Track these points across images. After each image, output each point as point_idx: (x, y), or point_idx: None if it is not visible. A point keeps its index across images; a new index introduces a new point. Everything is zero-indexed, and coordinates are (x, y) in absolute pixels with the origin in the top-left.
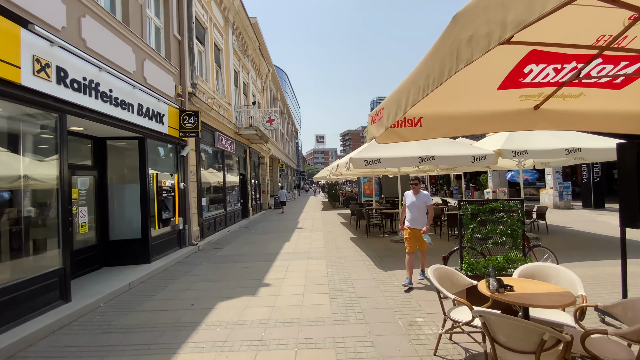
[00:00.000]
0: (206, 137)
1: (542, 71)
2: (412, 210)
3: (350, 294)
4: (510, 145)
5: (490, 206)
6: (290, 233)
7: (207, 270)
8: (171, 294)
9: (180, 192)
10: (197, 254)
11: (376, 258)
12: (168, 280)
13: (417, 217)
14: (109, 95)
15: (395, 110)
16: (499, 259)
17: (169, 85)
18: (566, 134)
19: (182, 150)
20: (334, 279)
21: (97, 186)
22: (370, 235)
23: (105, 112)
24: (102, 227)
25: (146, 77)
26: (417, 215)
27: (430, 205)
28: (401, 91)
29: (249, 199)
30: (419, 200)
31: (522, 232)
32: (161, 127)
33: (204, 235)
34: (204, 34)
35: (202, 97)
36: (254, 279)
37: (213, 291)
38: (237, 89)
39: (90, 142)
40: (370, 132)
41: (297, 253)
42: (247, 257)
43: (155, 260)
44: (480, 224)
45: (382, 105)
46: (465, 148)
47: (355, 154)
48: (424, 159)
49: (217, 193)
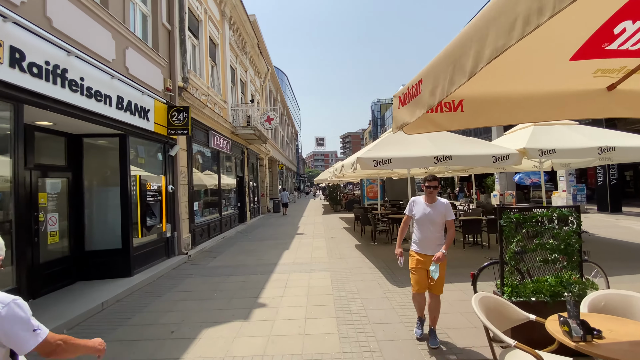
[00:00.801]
0: (199, 136)
1: (638, 32)
2: (423, 227)
3: (362, 319)
4: (536, 144)
5: (538, 214)
6: (290, 239)
7: (196, 285)
8: (150, 317)
9: (168, 196)
10: (187, 264)
11: (387, 270)
12: (149, 297)
13: (431, 238)
14: (80, 85)
15: (447, 79)
16: (549, 280)
17: (157, 78)
18: (592, 131)
19: (171, 150)
20: (340, 298)
21: (71, 189)
22: (377, 242)
23: (75, 103)
24: (76, 236)
25: (129, 67)
26: (431, 235)
27: (452, 220)
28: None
29: (247, 202)
30: (435, 211)
31: (579, 247)
32: (146, 123)
33: (196, 242)
34: (198, 26)
35: (195, 93)
36: (248, 298)
37: (199, 313)
38: (234, 86)
39: (64, 140)
40: (397, 118)
41: (297, 264)
42: (242, 269)
43: (137, 272)
44: (526, 237)
45: (419, 77)
46: (485, 147)
47: (363, 154)
48: (440, 158)
49: (211, 196)
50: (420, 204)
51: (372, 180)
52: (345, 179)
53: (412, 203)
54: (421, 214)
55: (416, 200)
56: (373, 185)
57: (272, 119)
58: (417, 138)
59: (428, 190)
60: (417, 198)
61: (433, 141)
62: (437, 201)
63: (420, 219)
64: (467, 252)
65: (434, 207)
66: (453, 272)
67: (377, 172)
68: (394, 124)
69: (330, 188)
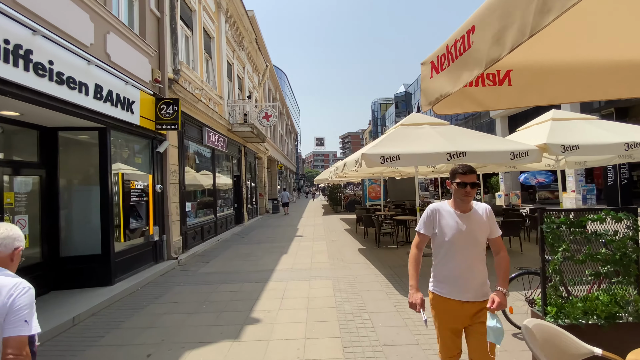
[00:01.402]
0: (192, 133)
1: None
2: (457, 253)
3: (371, 339)
4: (558, 139)
5: (588, 218)
6: (288, 242)
7: (183, 295)
8: (125, 336)
9: (156, 196)
10: (177, 270)
11: (394, 278)
12: (129, 310)
13: (470, 271)
14: (48, 69)
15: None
16: (601, 298)
17: (144, 69)
18: (614, 126)
19: (159, 146)
20: (345, 312)
21: (44, 189)
22: (381, 245)
23: (42, 90)
24: (50, 240)
25: (110, 53)
26: (471, 265)
27: (499, 238)
28: None
29: (244, 202)
30: (474, 225)
31: (636, 258)
32: (130, 116)
33: (188, 245)
34: (192, 16)
35: (188, 87)
36: (240, 311)
37: (183, 331)
38: (230, 82)
39: (36, 134)
40: (430, 90)
41: (296, 270)
42: (236, 276)
43: (120, 280)
44: (573, 244)
45: (469, 24)
46: (502, 143)
47: (368, 150)
48: (454, 155)
49: (205, 197)
50: (448, 215)
51: (374, 180)
52: (346, 178)
53: (432, 213)
54: (453, 232)
55: (439, 208)
56: (375, 185)
57: (270, 115)
58: (427, 133)
59: (463, 192)
60: (439, 206)
61: (444, 136)
62: (474, 209)
63: (451, 241)
64: None
65: (471, 218)
66: None
67: (380, 170)
68: (425, 99)
69: (331, 188)
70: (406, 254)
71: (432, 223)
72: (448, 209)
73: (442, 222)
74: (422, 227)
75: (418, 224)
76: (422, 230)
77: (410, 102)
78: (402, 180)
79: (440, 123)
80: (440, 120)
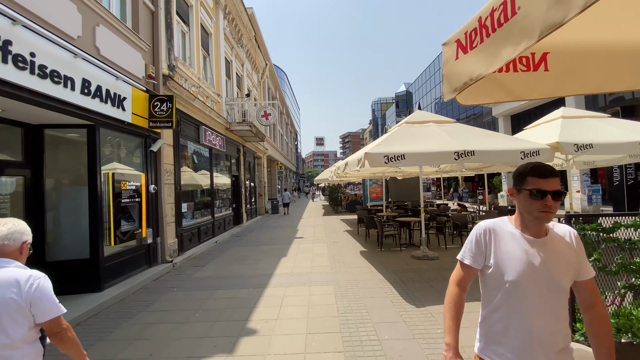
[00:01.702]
0: (189, 132)
1: None
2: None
3: (377, 354)
4: (571, 138)
5: (622, 224)
6: (287, 244)
7: (176, 303)
8: (109, 349)
9: (150, 197)
10: (171, 274)
11: (399, 284)
12: (117, 319)
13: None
14: (30, 61)
15: None
16: (635, 313)
17: (137, 64)
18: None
19: (153, 145)
20: (348, 321)
21: (29, 190)
22: (383, 247)
23: (23, 84)
24: (35, 244)
25: (99, 47)
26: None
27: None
28: None
29: (243, 203)
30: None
31: None
32: (121, 113)
33: (184, 248)
34: (188, 11)
35: (184, 84)
36: (235, 320)
37: (173, 344)
38: (229, 80)
39: (21, 131)
40: (455, 73)
41: (295, 274)
42: (232, 281)
43: (110, 286)
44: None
45: None
46: (512, 141)
47: (372, 149)
48: (461, 154)
49: (203, 197)
50: (511, 240)
51: (375, 180)
52: (347, 178)
53: (484, 235)
54: (519, 266)
55: (495, 228)
56: (376, 185)
57: (269, 114)
58: (432, 131)
59: (540, 205)
60: (495, 224)
61: (451, 134)
62: (552, 231)
63: (517, 281)
64: None
65: (548, 247)
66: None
67: (382, 170)
68: (448, 86)
69: (331, 188)
70: (410, 257)
71: (484, 250)
72: (511, 230)
73: (500, 250)
74: (467, 254)
75: (462, 250)
76: (468, 260)
77: (411, 101)
78: (404, 180)
79: (446, 121)
80: (446, 118)
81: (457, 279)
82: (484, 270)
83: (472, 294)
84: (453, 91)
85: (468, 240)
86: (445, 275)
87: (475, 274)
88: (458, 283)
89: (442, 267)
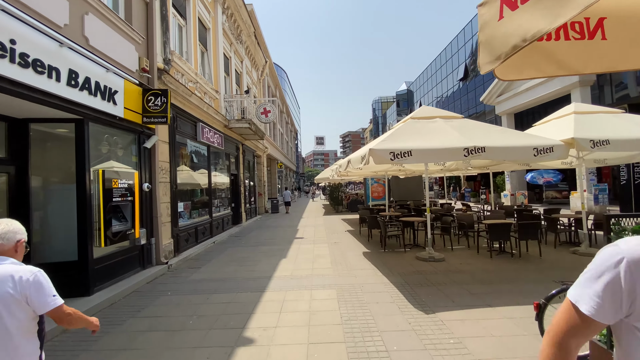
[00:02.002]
0: (185, 128)
1: None
2: None
3: None
4: (586, 133)
5: None
6: (287, 245)
7: (169, 308)
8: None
9: (144, 196)
10: (166, 276)
11: (406, 287)
12: (105, 326)
13: None
14: (9, 49)
15: None
16: None
17: (130, 56)
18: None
19: (147, 141)
20: (352, 330)
21: (12, 188)
22: (387, 249)
23: (1, 73)
24: None
25: (88, 37)
26: None
27: None
28: None
29: (242, 202)
30: None
31: None
32: (112, 107)
33: (180, 249)
34: (185, 5)
35: (181, 79)
36: (231, 328)
37: (163, 355)
38: (227, 77)
39: (4, 126)
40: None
41: (296, 277)
42: (230, 284)
43: (100, 290)
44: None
45: None
46: (524, 137)
47: (376, 145)
48: (471, 150)
49: (200, 196)
50: None
51: (376, 179)
52: (348, 177)
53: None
54: None
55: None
56: (378, 184)
57: (269, 111)
58: (440, 127)
59: None
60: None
61: (459, 130)
62: None
63: None
64: (495, 263)
65: None
66: (491, 290)
67: (385, 169)
68: (487, 55)
69: (331, 187)
70: (415, 258)
71: (624, 295)
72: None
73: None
74: (591, 300)
75: (578, 290)
76: (593, 309)
77: (412, 100)
78: (406, 179)
79: (453, 116)
80: (453, 113)
81: (563, 334)
82: (618, 324)
83: (483, 298)
84: (495, 59)
85: (592, 274)
86: (454, 278)
87: (602, 329)
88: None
89: (449, 269)
